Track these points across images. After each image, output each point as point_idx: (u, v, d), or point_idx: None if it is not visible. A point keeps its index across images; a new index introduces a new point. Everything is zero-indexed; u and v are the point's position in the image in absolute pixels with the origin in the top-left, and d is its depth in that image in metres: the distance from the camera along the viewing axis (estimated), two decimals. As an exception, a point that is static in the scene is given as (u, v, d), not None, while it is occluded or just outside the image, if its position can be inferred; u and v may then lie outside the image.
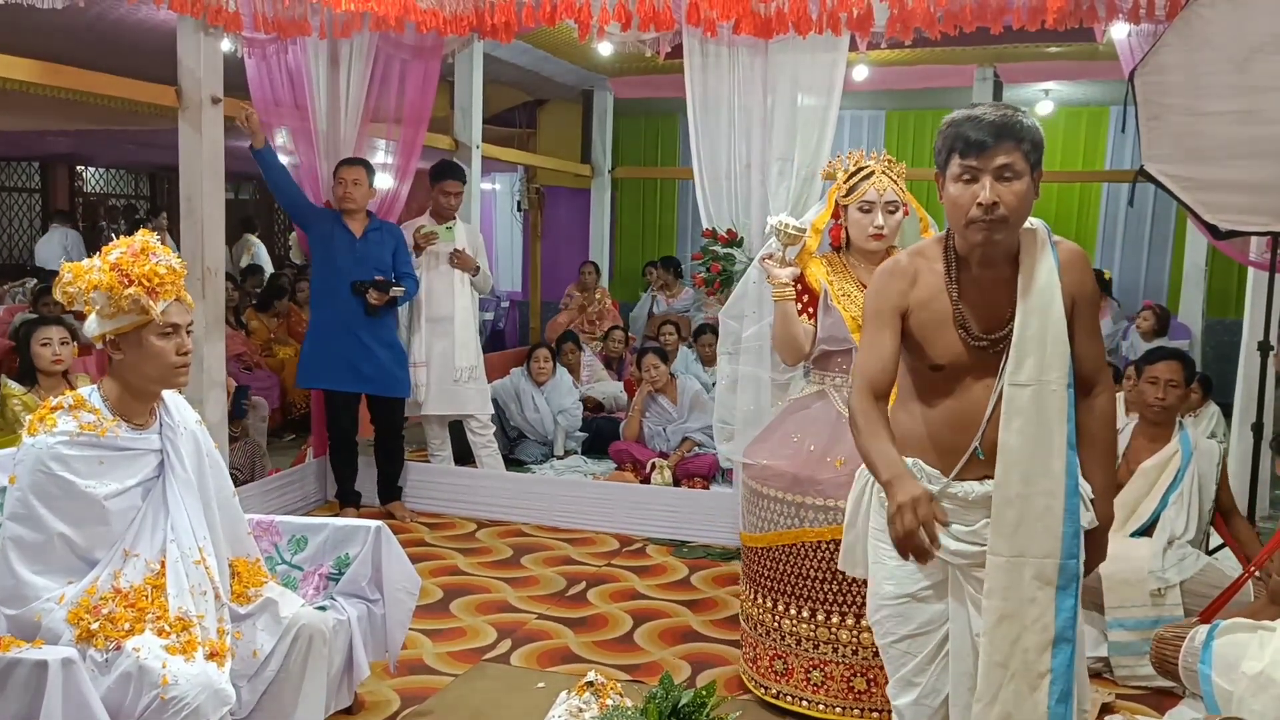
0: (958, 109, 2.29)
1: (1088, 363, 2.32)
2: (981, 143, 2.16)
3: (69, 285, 2.52)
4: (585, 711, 2.61)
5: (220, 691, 2.42)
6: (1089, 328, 2.31)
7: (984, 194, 2.16)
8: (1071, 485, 2.23)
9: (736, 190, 4.98)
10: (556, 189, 10.31)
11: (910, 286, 2.34)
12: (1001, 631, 2.23)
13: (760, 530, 3.42)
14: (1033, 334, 2.22)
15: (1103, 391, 2.36)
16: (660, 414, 6.55)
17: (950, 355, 2.30)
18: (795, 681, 3.37)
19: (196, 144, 4.81)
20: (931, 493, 2.21)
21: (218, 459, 2.83)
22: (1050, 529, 2.21)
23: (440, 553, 5.04)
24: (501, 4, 4.78)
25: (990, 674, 2.25)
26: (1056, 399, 2.21)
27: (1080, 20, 4.35)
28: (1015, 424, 2.22)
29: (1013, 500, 2.22)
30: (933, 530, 2.11)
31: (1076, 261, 2.30)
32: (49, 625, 2.44)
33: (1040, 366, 2.21)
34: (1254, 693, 2.91)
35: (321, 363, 5.34)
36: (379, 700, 3.46)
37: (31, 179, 12.87)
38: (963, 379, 2.31)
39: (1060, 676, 2.23)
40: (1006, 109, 2.21)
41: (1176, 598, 3.66)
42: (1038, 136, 2.19)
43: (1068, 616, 2.23)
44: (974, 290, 2.30)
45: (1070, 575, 2.24)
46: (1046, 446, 2.21)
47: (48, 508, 2.46)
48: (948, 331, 2.30)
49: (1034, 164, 2.19)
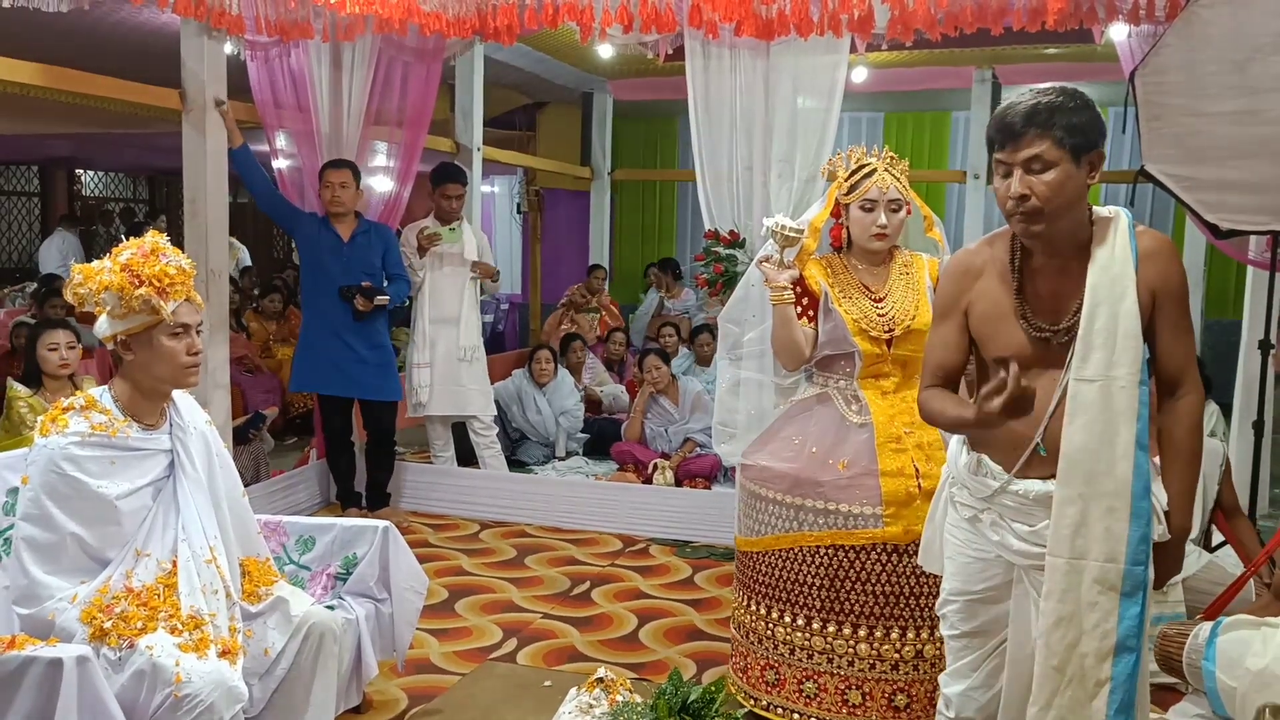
0: (957, 109, 2.27)
1: (1172, 361, 2.22)
2: (1007, 136, 2.12)
3: (80, 286, 2.53)
4: (595, 707, 2.62)
5: (233, 689, 2.44)
6: (1175, 323, 2.21)
7: (1013, 186, 2.13)
8: (1140, 488, 2.14)
9: (738, 191, 5.00)
10: (556, 191, 10.33)
11: (975, 279, 2.30)
12: (1058, 635, 2.17)
13: (757, 534, 3.31)
14: (1101, 327, 2.14)
15: (1188, 393, 2.23)
16: (662, 415, 6.56)
17: (1013, 348, 2.23)
18: (787, 693, 3.23)
19: (200, 146, 4.84)
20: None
21: (227, 459, 2.85)
22: (1114, 532, 2.13)
23: (444, 553, 5.06)
24: (504, 6, 4.79)
25: (1046, 678, 2.19)
26: (1125, 396, 2.13)
27: (1080, 21, 4.38)
28: (1079, 421, 2.14)
29: (1074, 500, 2.14)
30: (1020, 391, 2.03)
31: (1161, 252, 2.19)
32: (62, 624, 2.46)
33: (1108, 361, 2.13)
34: (1258, 689, 2.92)
35: (312, 367, 5.36)
36: (387, 699, 3.47)
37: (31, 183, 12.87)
38: (1026, 372, 2.19)
39: (1121, 686, 2.14)
40: (1047, 95, 2.12)
41: (1179, 595, 3.67)
42: (1080, 120, 2.10)
43: (1132, 625, 2.14)
44: (1038, 280, 2.25)
45: (1137, 582, 2.14)
46: (1111, 446, 2.13)
47: (60, 508, 2.48)
48: (1009, 323, 2.24)
49: (1076, 149, 2.10)
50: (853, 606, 3.13)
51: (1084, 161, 2.12)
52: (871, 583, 3.11)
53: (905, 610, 3.12)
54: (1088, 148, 2.11)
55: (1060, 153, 2.09)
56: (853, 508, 3.10)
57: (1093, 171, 2.14)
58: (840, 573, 3.13)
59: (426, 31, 4.73)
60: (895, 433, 3.16)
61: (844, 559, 3.12)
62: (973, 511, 2.33)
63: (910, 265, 3.32)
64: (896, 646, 3.12)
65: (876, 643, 3.12)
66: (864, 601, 3.12)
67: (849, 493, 3.11)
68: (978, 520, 2.33)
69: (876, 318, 3.21)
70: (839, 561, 3.13)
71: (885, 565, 3.11)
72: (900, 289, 3.27)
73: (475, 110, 6.81)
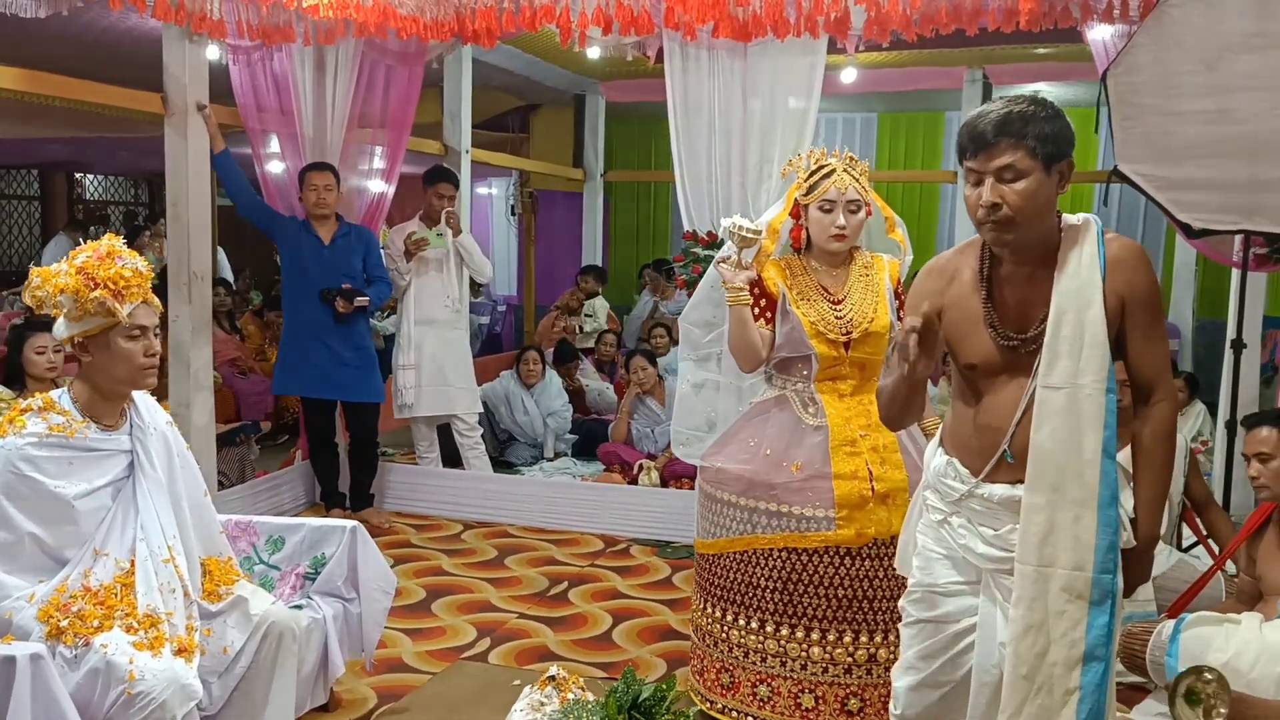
0: (950, 109, 2.25)
1: (1145, 368, 2.21)
2: (979, 145, 2.12)
3: (37, 289, 2.57)
4: (547, 705, 2.64)
5: (186, 686, 2.46)
6: (1146, 331, 2.19)
7: (985, 195, 2.12)
8: (1107, 496, 2.13)
9: (717, 193, 5.02)
10: (551, 193, 10.35)
11: (947, 285, 2.30)
12: (1027, 643, 2.16)
13: (712, 536, 3.29)
14: (1067, 334, 2.13)
15: (1161, 400, 2.22)
16: (648, 416, 6.59)
17: (981, 355, 2.25)
18: (741, 696, 3.21)
19: (182, 150, 4.87)
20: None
21: (189, 459, 2.87)
22: (1081, 540, 2.12)
23: (425, 554, 5.08)
24: (482, 9, 4.82)
25: (1015, 686, 2.18)
26: (1091, 403, 2.12)
27: (1055, 21, 4.38)
28: (1046, 428, 2.14)
29: (1041, 507, 2.14)
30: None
31: (1130, 259, 2.18)
32: (19, 623, 2.49)
33: (1074, 369, 2.12)
34: (1219, 685, 2.93)
35: (294, 369, 5.39)
36: (356, 698, 3.49)
37: (31, 187, 12.93)
38: (995, 379, 2.25)
39: (1090, 695, 2.13)
40: (1019, 104, 2.12)
41: (1149, 593, 3.67)
42: (1051, 129, 2.10)
43: (1100, 633, 2.13)
44: (1007, 289, 2.24)
45: (1105, 591, 2.13)
46: (1079, 453, 2.12)
47: (18, 508, 2.51)
48: (979, 330, 2.25)
49: (1048, 158, 2.10)
50: (805, 610, 3.12)
51: (1055, 171, 2.12)
52: (824, 586, 3.10)
53: (858, 614, 3.11)
54: (1059, 157, 2.12)
55: (1033, 162, 2.09)
56: (805, 510, 3.09)
57: (1063, 181, 2.14)
58: (793, 576, 3.12)
59: (404, 35, 4.76)
60: (850, 435, 3.15)
61: (797, 562, 3.11)
62: (942, 515, 2.35)
63: (870, 267, 3.30)
64: (850, 650, 3.11)
65: (829, 646, 3.11)
66: (817, 605, 3.11)
67: (801, 495, 3.10)
68: (946, 524, 2.34)
69: (834, 320, 3.19)
70: (792, 564, 3.12)
71: (838, 569, 3.10)
72: (859, 291, 3.25)
73: (463, 113, 6.83)
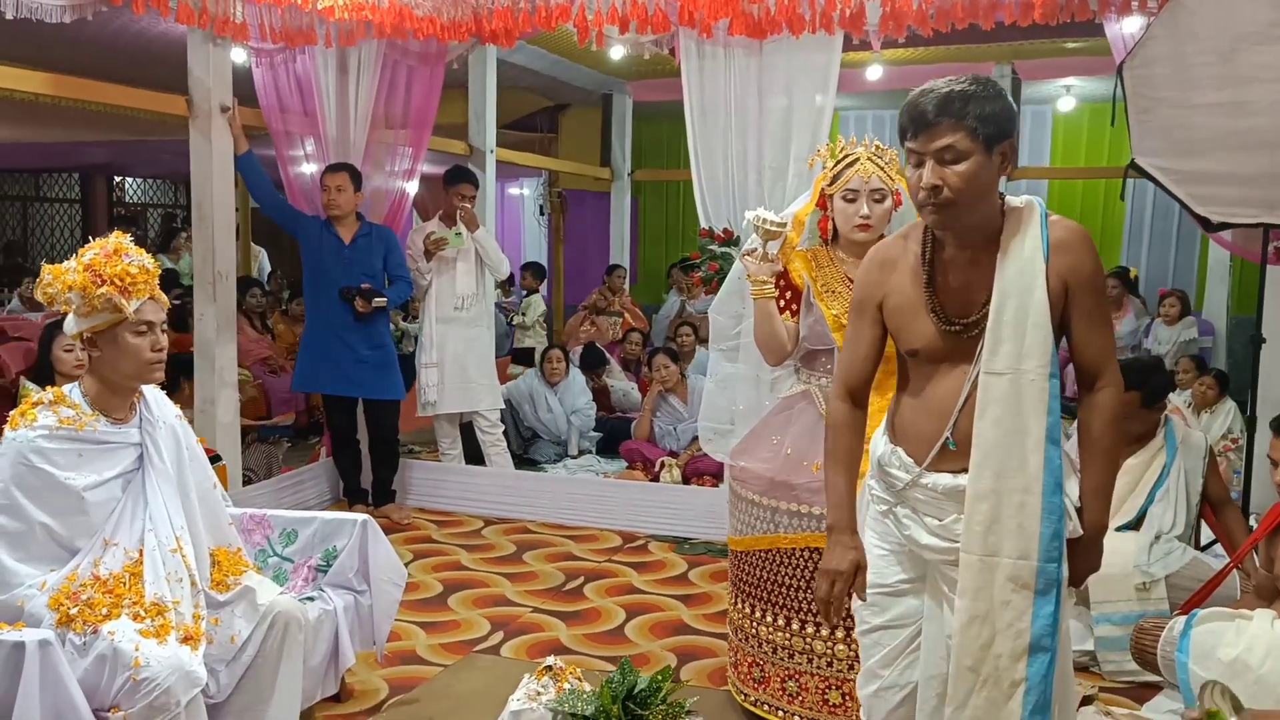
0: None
1: (1089, 353, 2.17)
2: (920, 125, 2.06)
3: (48, 286, 2.63)
4: (543, 695, 2.67)
5: (191, 674, 2.51)
6: (1089, 314, 2.15)
7: (925, 176, 2.07)
8: (1051, 483, 2.10)
9: (734, 189, 5.03)
10: (581, 193, 10.40)
11: (889, 273, 2.26)
12: (972, 634, 2.13)
13: (740, 533, 3.32)
14: (1009, 319, 2.09)
15: (1107, 385, 2.18)
16: (671, 413, 6.61)
17: (923, 340, 2.21)
18: (772, 690, 3.25)
19: (206, 151, 4.95)
20: (860, 564, 2.26)
21: (199, 452, 2.94)
22: (1025, 529, 2.09)
23: (444, 549, 5.13)
24: (499, 10, 4.86)
25: (960, 678, 2.16)
26: (1035, 389, 2.08)
27: (1073, 14, 4.35)
28: (990, 415, 2.10)
29: (985, 495, 2.11)
30: (841, 604, 2.25)
31: (1074, 242, 2.13)
32: (31, 610, 2.55)
33: (1018, 354, 2.09)
34: (1229, 679, 2.88)
35: (314, 367, 5.47)
36: (368, 689, 3.54)
37: (71, 190, 13.17)
38: (938, 365, 2.21)
39: (1036, 686, 2.10)
40: (960, 83, 2.06)
41: (1162, 592, 3.64)
42: (993, 109, 2.04)
43: (1046, 624, 2.10)
44: (950, 272, 2.20)
45: (1051, 580, 2.10)
46: (1022, 440, 2.09)
47: (29, 498, 2.58)
48: (921, 316, 2.20)
49: (989, 139, 2.04)
50: None
51: (996, 152, 2.07)
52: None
53: None
54: (1001, 137, 2.06)
55: (973, 143, 2.04)
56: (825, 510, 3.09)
57: (1005, 162, 2.09)
58: (817, 574, 3.11)
59: (420, 36, 4.82)
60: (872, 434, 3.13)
61: (819, 561, 3.10)
62: (887, 505, 2.32)
63: None
64: None
65: (854, 644, 3.10)
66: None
67: (821, 495, 3.08)
68: (891, 514, 2.31)
69: None
70: (815, 564, 3.09)
71: None
72: None
73: (488, 113, 6.89)
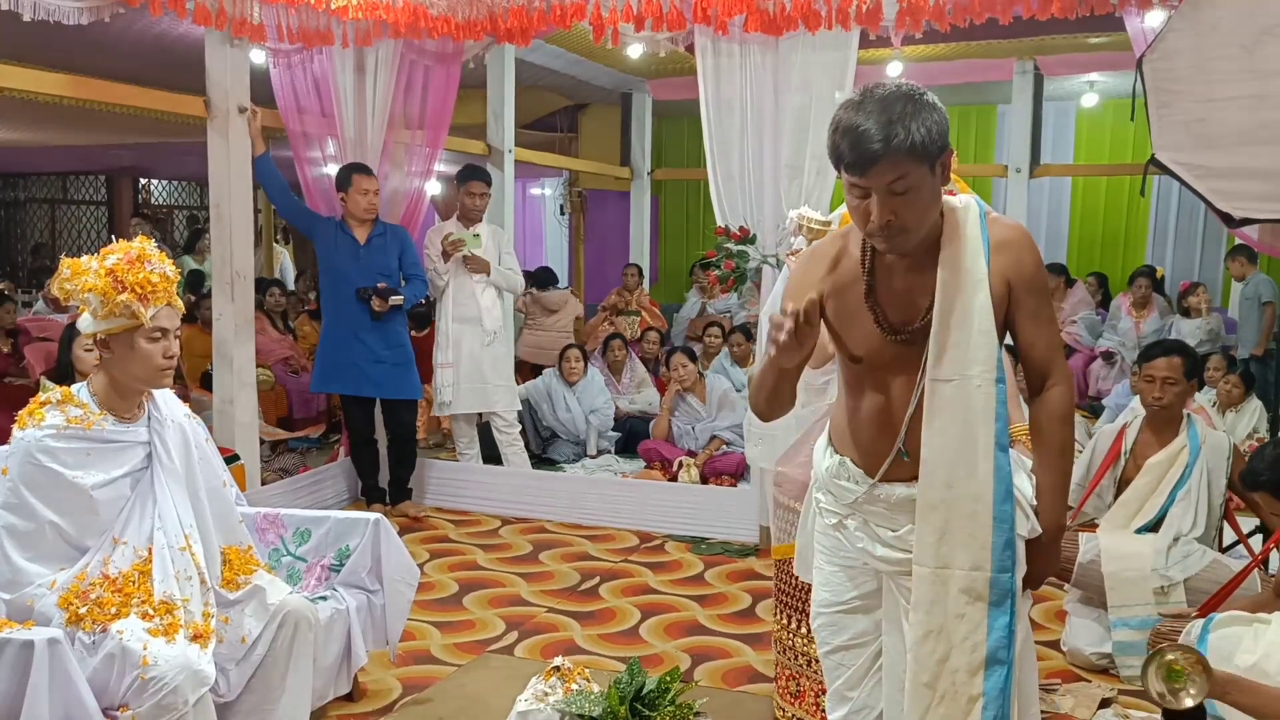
0: (1001, 102, 2.01)
1: (1036, 352, 2.11)
2: (865, 161, 1.92)
3: (66, 282, 2.63)
4: (551, 695, 2.66)
5: (199, 672, 2.52)
6: (1034, 314, 2.08)
7: (874, 215, 1.95)
8: (1001, 491, 2.04)
9: (750, 187, 5.00)
10: (602, 192, 10.38)
11: (829, 271, 2.15)
12: (927, 649, 2.07)
13: (778, 540, 3.23)
14: (954, 324, 2.03)
15: (1056, 384, 2.12)
16: (689, 413, 6.59)
17: (867, 347, 2.12)
18: (806, 705, 3.16)
19: (224, 152, 4.97)
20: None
21: (208, 451, 2.94)
22: (978, 538, 2.03)
23: (461, 549, 5.13)
24: (514, 9, 4.86)
25: (918, 695, 2.08)
26: (982, 395, 2.02)
27: (1092, 8, 4.29)
28: (937, 423, 2.04)
29: (936, 506, 2.05)
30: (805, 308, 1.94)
31: (1014, 241, 2.06)
32: (41, 609, 2.57)
33: (963, 360, 2.02)
34: (1247, 686, 2.85)
35: (331, 367, 5.48)
36: (382, 689, 3.54)
37: (98, 192, 13.30)
38: (884, 373, 2.12)
39: (994, 701, 2.03)
40: (892, 108, 1.91)
41: (1180, 595, 3.58)
42: (929, 123, 1.92)
43: (1001, 636, 2.04)
44: (892, 278, 2.10)
45: (1004, 591, 2.04)
46: (971, 447, 2.03)
47: (38, 497, 2.59)
48: (864, 322, 2.11)
49: (932, 159, 1.94)
50: None
51: (939, 165, 1.98)
52: None
53: None
54: (942, 150, 1.96)
55: (920, 169, 1.94)
56: None
57: (945, 172, 1.99)
58: None
59: (435, 35, 4.82)
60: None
61: None
62: (837, 517, 2.23)
63: None
64: None
65: None
66: None
67: None
68: (842, 526, 2.22)
69: None
70: None
71: None
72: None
73: (507, 113, 6.89)
